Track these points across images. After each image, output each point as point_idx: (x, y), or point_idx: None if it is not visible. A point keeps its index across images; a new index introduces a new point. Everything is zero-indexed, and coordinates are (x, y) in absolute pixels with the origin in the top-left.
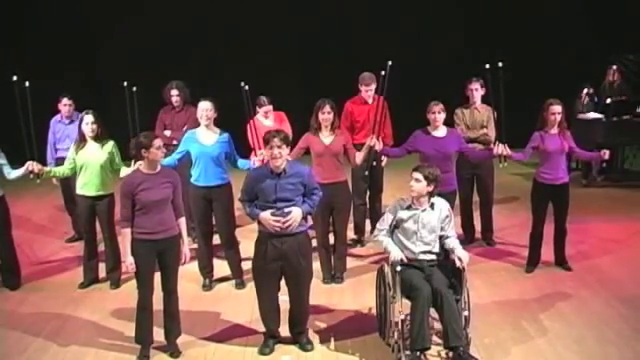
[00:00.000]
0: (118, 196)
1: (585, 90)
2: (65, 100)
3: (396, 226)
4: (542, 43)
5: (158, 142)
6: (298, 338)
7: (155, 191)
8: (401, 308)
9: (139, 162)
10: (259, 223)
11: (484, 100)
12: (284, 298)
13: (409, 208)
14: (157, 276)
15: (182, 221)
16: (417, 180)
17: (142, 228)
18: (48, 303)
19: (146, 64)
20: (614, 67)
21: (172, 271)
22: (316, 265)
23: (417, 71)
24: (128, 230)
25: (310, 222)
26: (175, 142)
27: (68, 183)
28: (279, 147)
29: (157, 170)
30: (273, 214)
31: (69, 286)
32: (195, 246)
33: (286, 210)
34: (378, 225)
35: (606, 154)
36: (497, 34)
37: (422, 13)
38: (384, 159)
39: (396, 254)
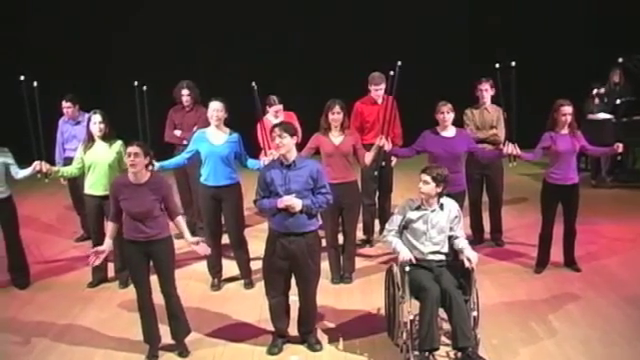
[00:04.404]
0: None
1: (595, 90)
2: (64, 103)
3: (405, 227)
4: (552, 43)
5: (129, 149)
6: (307, 338)
7: (137, 202)
8: (410, 308)
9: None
10: (269, 221)
11: (494, 101)
12: (294, 298)
13: (418, 209)
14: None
15: (179, 220)
16: (425, 182)
17: (128, 229)
18: (56, 302)
19: (155, 64)
20: (618, 69)
21: (166, 274)
22: (325, 265)
23: (426, 71)
24: (110, 223)
25: (320, 221)
26: (185, 142)
27: (76, 183)
28: (279, 136)
29: (143, 180)
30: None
31: (78, 285)
32: None
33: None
34: (387, 225)
35: (619, 147)
36: (506, 34)
37: (432, 13)
38: (393, 159)
39: (405, 254)
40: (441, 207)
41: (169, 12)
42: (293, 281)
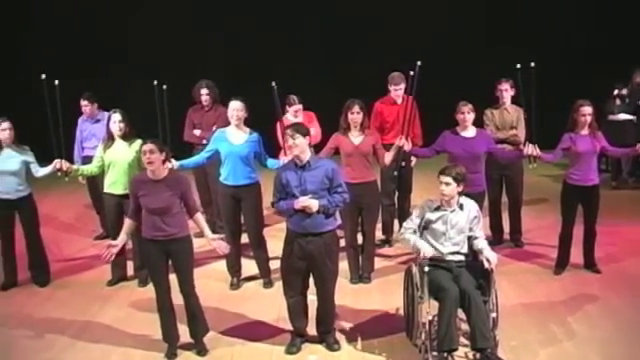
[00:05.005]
0: None
1: (617, 91)
2: (82, 101)
3: (425, 227)
4: (573, 43)
5: (144, 147)
6: (325, 337)
7: (155, 199)
8: (429, 309)
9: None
10: (287, 221)
11: (514, 101)
12: (313, 298)
13: (438, 209)
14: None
15: (198, 216)
16: (447, 184)
17: (147, 227)
18: (76, 300)
19: (174, 63)
20: None
21: (185, 273)
22: (344, 265)
23: (446, 71)
24: (128, 219)
25: (339, 221)
26: (204, 141)
27: (95, 182)
28: (292, 136)
29: (161, 177)
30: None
31: (97, 284)
32: None
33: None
34: (405, 224)
35: None
36: (527, 34)
37: (452, 13)
38: (413, 159)
39: (426, 250)
40: (461, 207)
41: (187, 11)
42: (311, 281)
